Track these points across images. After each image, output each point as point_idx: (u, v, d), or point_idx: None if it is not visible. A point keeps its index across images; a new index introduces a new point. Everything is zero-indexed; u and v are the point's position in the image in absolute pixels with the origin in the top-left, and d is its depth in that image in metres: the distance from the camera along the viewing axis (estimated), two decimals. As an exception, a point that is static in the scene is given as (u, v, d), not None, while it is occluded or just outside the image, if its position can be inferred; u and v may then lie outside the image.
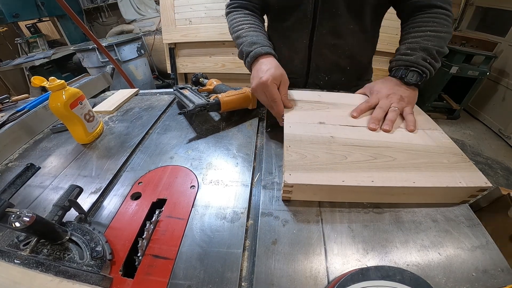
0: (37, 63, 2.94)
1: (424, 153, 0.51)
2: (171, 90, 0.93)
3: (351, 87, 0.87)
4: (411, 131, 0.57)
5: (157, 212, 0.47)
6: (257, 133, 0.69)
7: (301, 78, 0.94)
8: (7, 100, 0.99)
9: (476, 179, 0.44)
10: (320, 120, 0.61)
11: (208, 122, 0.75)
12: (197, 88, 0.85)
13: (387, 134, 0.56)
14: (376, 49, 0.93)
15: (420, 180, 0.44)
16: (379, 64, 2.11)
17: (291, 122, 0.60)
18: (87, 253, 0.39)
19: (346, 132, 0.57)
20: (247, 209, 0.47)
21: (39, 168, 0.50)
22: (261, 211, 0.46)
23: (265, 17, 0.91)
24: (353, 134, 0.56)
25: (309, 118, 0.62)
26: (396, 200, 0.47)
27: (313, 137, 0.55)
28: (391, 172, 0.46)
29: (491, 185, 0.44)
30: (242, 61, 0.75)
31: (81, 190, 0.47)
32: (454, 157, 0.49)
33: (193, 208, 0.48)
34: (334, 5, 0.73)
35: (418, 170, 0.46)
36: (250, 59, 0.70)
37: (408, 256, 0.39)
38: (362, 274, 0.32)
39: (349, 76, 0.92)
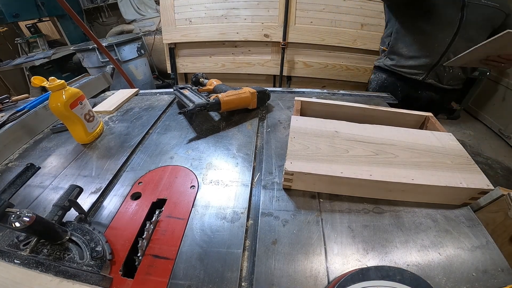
0: (37, 63, 2.94)
1: (428, 153, 0.51)
2: (171, 90, 0.93)
3: None
4: None
5: (157, 212, 0.47)
6: (257, 133, 0.69)
7: None
8: (7, 100, 1.00)
9: (478, 181, 0.44)
10: (327, 116, 0.62)
11: (208, 122, 0.75)
12: (197, 88, 0.85)
13: (392, 132, 0.56)
14: (376, 49, 0.92)
15: (419, 178, 0.44)
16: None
17: (299, 116, 0.62)
18: (87, 253, 0.39)
19: (351, 128, 0.58)
20: (247, 209, 0.47)
21: (39, 168, 0.50)
22: (261, 211, 0.46)
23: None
24: (357, 130, 0.57)
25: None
26: (395, 197, 0.47)
27: (318, 131, 0.56)
28: (391, 168, 0.46)
29: (493, 188, 0.43)
30: (241, 61, 0.74)
31: (81, 190, 0.47)
32: (459, 159, 0.49)
33: (193, 208, 0.48)
34: None
35: (419, 168, 0.47)
36: None
37: (408, 256, 0.39)
38: (362, 274, 0.32)
39: None
